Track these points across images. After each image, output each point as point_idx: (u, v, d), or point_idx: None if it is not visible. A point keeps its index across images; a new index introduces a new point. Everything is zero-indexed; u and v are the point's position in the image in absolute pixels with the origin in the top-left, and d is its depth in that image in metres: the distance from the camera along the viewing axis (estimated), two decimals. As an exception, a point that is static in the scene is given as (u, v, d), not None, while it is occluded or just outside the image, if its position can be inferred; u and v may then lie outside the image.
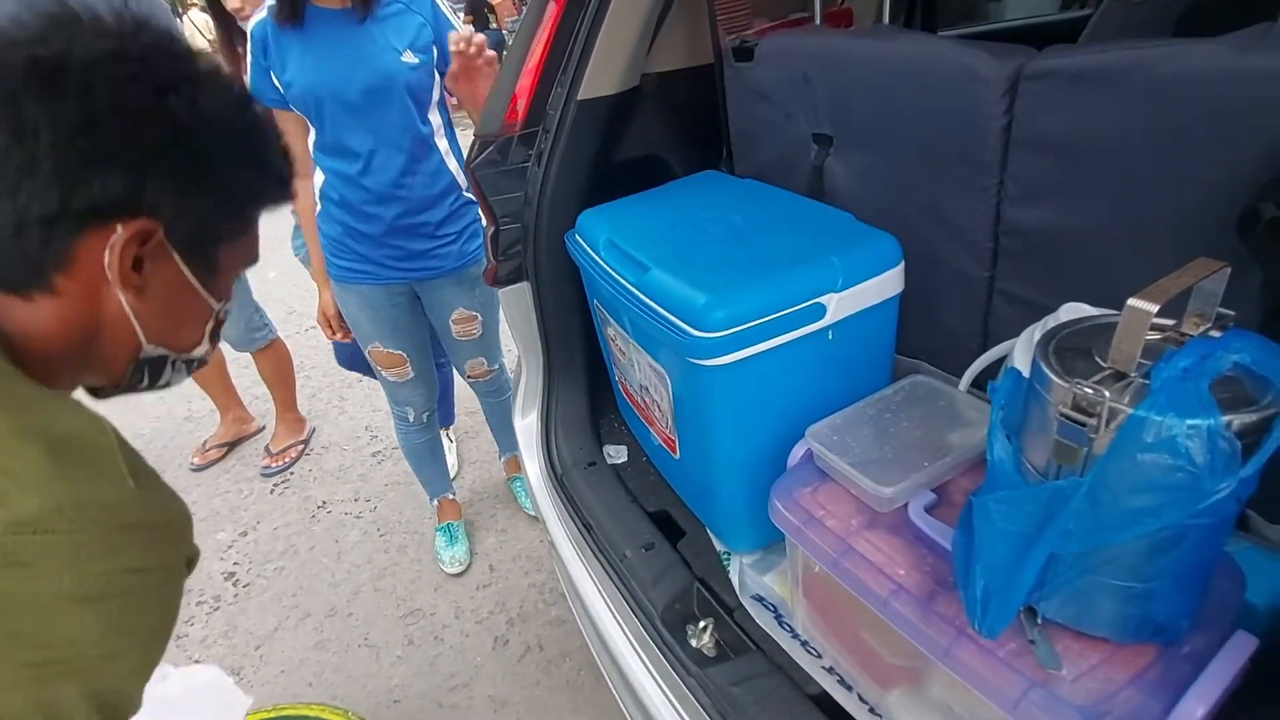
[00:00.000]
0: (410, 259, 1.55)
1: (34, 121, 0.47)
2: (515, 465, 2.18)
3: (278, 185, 0.61)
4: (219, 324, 0.64)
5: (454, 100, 1.44)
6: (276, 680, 1.72)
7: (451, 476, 2.20)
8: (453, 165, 1.52)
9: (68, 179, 0.48)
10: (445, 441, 2.28)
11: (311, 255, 1.62)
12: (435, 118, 1.48)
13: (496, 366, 1.87)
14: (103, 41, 0.50)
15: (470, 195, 1.55)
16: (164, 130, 0.51)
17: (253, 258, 0.64)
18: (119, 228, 0.50)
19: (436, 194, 1.51)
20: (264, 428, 2.66)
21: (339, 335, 1.71)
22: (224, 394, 2.55)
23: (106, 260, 0.50)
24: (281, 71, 1.36)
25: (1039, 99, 0.76)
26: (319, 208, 1.53)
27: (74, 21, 0.50)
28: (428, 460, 1.98)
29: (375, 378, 1.82)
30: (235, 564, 2.08)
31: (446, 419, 2.37)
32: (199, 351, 0.63)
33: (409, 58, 1.36)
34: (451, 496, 2.07)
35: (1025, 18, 2.55)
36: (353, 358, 2.04)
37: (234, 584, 2.02)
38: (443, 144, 1.50)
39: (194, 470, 2.48)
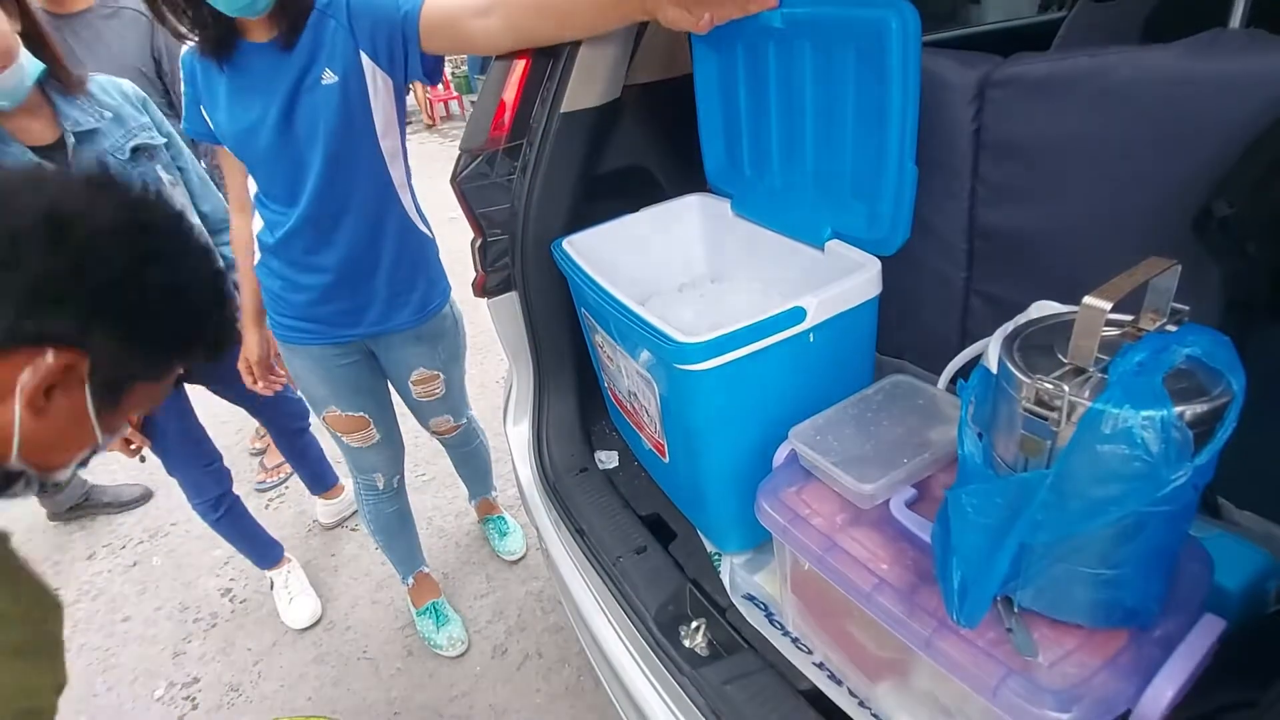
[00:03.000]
0: (359, 315, 1.36)
1: (25, 260, 0.51)
2: (488, 507, 2.08)
3: (207, 350, 0.65)
4: (91, 455, 0.65)
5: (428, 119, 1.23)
6: (276, 695, 1.72)
7: (309, 624, 1.91)
8: (406, 202, 1.32)
9: (28, 308, 0.51)
10: (287, 574, 1.99)
11: (243, 293, 1.42)
12: (389, 144, 1.24)
13: (464, 420, 1.73)
14: (118, 212, 0.55)
15: (428, 233, 1.39)
16: (134, 294, 0.56)
17: (155, 402, 0.67)
18: (50, 354, 0.52)
19: (384, 237, 1.31)
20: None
21: (260, 385, 1.50)
22: None
23: (24, 378, 0.52)
24: (213, 110, 1.20)
25: (1004, 105, 0.79)
26: (257, 256, 1.35)
27: (104, 187, 0.56)
28: (398, 533, 1.76)
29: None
30: (231, 580, 2.08)
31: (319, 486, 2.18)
32: (60, 476, 0.63)
33: (327, 77, 1.14)
34: (427, 570, 1.88)
35: (1004, 21, 2.59)
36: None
37: (231, 600, 2.02)
38: (398, 175, 1.28)
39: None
